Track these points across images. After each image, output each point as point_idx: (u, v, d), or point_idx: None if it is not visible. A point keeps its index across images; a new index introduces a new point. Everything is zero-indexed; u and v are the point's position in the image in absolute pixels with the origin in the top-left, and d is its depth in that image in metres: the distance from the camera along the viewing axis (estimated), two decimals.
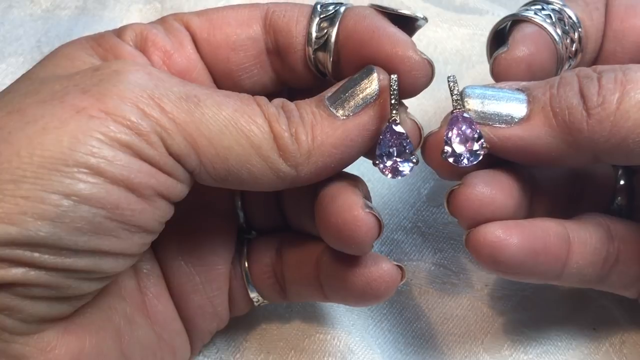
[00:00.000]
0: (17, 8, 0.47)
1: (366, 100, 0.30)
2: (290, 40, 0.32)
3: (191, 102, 0.28)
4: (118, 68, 0.28)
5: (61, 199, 0.25)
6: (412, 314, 0.39)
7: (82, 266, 0.27)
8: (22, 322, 0.27)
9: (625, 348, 0.38)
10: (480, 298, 0.40)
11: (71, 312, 0.28)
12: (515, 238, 0.30)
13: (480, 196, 0.30)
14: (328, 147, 0.29)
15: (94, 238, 0.26)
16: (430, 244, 0.41)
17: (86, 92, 0.27)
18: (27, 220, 0.25)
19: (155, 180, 0.27)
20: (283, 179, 0.29)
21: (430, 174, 0.42)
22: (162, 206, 0.28)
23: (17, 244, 0.25)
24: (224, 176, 0.28)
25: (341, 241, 0.30)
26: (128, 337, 0.31)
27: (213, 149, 0.28)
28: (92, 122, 0.26)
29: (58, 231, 0.25)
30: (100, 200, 0.26)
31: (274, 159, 0.28)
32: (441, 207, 0.41)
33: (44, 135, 0.26)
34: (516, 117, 0.30)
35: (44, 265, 0.26)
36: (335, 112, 0.30)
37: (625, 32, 0.34)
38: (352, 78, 0.30)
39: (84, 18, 0.47)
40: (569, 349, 0.38)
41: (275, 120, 0.29)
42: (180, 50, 0.32)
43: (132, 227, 0.27)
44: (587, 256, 0.32)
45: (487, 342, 0.39)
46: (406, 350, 0.38)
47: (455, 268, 0.40)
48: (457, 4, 0.48)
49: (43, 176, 0.25)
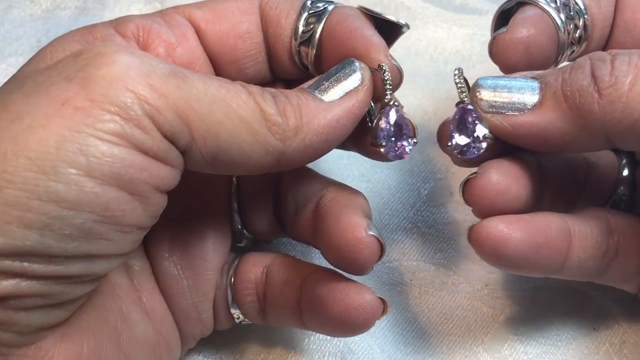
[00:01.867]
0: (17, 8, 0.47)
1: (350, 86, 0.30)
2: (279, 31, 0.33)
3: (179, 77, 0.27)
4: (100, 50, 0.26)
5: (48, 206, 0.24)
6: (412, 313, 0.39)
7: (73, 272, 0.26)
8: (18, 334, 0.26)
9: (625, 348, 0.38)
10: (480, 298, 0.40)
11: (67, 317, 0.28)
12: (518, 232, 0.30)
13: (497, 186, 0.31)
14: (315, 126, 0.29)
15: (84, 243, 0.25)
16: (430, 244, 0.41)
17: (70, 80, 0.25)
18: (13, 230, 0.24)
19: (147, 174, 0.26)
20: (271, 153, 0.28)
21: (431, 174, 0.42)
22: (156, 200, 0.27)
23: (4, 254, 0.24)
24: (215, 154, 0.27)
25: (342, 262, 0.30)
26: (127, 336, 0.31)
27: (204, 123, 0.27)
28: (78, 115, 0.25)
29: (46, 240, 0.24)
30: (90, 204, 0.25)
31: (263, 133, 0.28)
32: (441, 207, 0.41)
33: (30, 135, 0.24)
34: (528, 104, 0.30)
35: (34, 274, 0.25)
36: (321, 96, 0.30)
37: (636, 23, 0.34)
38: (333, 68, 0.31)
39: (84, 18, 0.47)
40: (569, 348, 0.38)
41: (260, 96, 0.28)
42: (183, 43, 0.32)
43: (125, 228, 0.26)
44: (587, 250, 0.32)
45: (487, 341, 0.39)
46: (406, 350, 0.38)
47: (455, 268, 0.40)
48: (457, 4, 0.48)
49: (30, 181, 0.24)
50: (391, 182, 0.42)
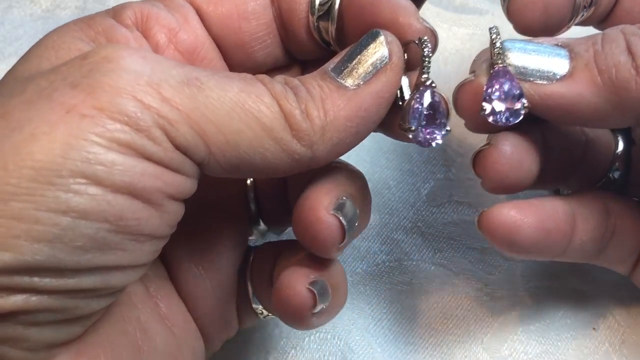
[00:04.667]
0: (17, 8, 0.47)
1: (376, 66, 0.27)
2: (293, 6, 0.31)
3: (193, 85, 0.25)
4: (108, 54, 0.24)
5: (58, 216, 0.22)
6: (412, 313, 0.39)
7: (87, 285, 0.24)
8: (29, 351, 0.24)
9: (625, 348, 0.38)
10: (480, 298, 0.40)
11: (82, 333, 0.26)
12: (530, 218, 0.30)
13: (510, 159, 0.30)
14: (342, 121, 0.27)
15: (98, 255, 0.24)
16: (430, 244, 0.41)
17: (76, 87, 0.24)
18: (21, 244, 0.22)
19: (161, 182, 0.24)
20: (298, 161, 0.26)
21: (431, 174, 0.42)
22: (172, 208, 0.25)
23: (13, 270, 0.22)
24: (235, 164, 0.26)
25: (306, 242, 0.29)
26: (147, 348, 0.29)
27: (222, 135, 0.25)
28: (84, 123, 0.23)
29: (57, 253, 0.23)
30: (102, 213, 0.23)
31: (288, 140, 0.26)
32: (441, 207, 0.41)
33: (32, 143, 0.23)
34: (558, 73, 0.29)
35: (45, 289, 0.23)
36: (344, 82, 0.27)
37: None
38: (355, 45, 0.28)
39: None
40: (569, 348, 0.38)
41: (284, 98, 0.26)
42: (185, 27, 0.30)
43: (140, 237, 0.25)
44: (589, 232, 0.32)
45: (487, 341, 0.39)
46: (406, 350, 0.38)
47: (455, 268, 0.40)
48: (457, 4, 0.48)
49: (35, 192, 0.22)
50: (391, 182, 0.42)
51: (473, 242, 0.40)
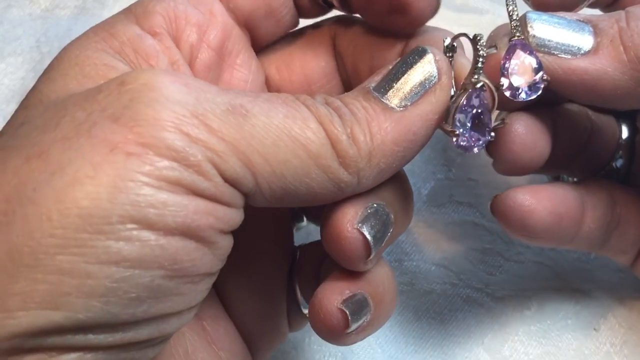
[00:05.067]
0: (16, 7, 0.46)
1: (424, 85, 0.26)
2: None
3: (238, 114, 0.23)
4: (148, 81, 0.23)
5: (110, 268, 0.21)
6: (412, 313, 0.39)
7: (144, 337, 0.23)
8: None
9: (626, 348, 0.38)
10: (480, 298, 0.39)
11: None
12: (543, 203, 0.30)
13: (524, 140, 0.29)
14: (389, 145, 0.25)
15: (154, 304, 0.22)
16: (431, 244, 0.41)
17: (117, 120, 0.22)
18: (72, 301, 0.20)
19: (213, 218, 0.23)
20: (343, 189, 0.25)
21: (431, 174, 0.42)
22: (224, 243, 0.24)
23: (65, 330, 0.21)
24: (280, 196, 0.24)
25: (334, 257, 0.27)
26: None
27: (269, 166, 0.23)
28: (130, 162, 0.21)
29: (111, 307, 0.21)
30: (156, 259, 0.21)
31: (335, 168, 0.24)
32: (442, 207, 0.41)
33: (76, 188, 0.21)
34: (583, 48, 0.28)
35: (100, 346, 0.22)
36: (389, 103, 0.25)
37: None
38: (400, 62, 0.26)
39: (83, 17, 0.47)
40: (570, 349, 0.38)
41: (329, 122, 0.24)
42: (213, 21, 0.29)
43: (196, 278, 0.23)
44: (596, 220, 0.32)
45: (487, 342, 0.38)
46: (407, 350, 0.38)
47: (455, 268, 0.40)
48: (457, 4, 0.47)
49: (84, 242, 0.20)
50: None
51: (474, 243, 0.40)
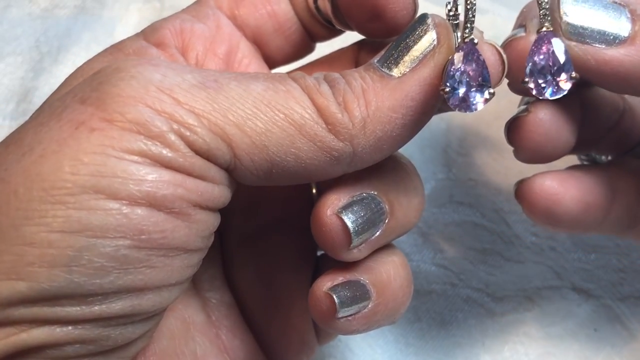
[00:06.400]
0: (15, 7, 0.46)
1: (424, 52, 0.25)
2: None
3: (210, 87, 0.23)
4: (119, 65, 0.23)
5: (71, 236, 0.21)
6: (412, 314, 0.39)
7: (116, 311, 0.22)
8: None
9: (627, 349, 0.38)
10: (480, 299, 0.39)
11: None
12: (572, 190, 0.29)
13: (548, 129, 0.28)
14: (386, 112, 0.24)
15: (122, 275, 0.22)
16: (431, 245, 0.41)
17: (84, 101, 0.22)
18: (35, 271, 0.21)
19: (183, 189, 0.22)
20: (338, 158, 0.24)
21: (431, 174, 0.42)
22: (201, 217, 0.23)
23: (31, 300, 0.21)
24: (267, 169, 0.24)
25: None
26: None
27: (247, 137, 0.23)
28: (94, 136, 0.21)
29: (75, 277, 0.21)
30: (120, 228, 0.21)
31: (322, 135, 0.24)
32: (442, 208, 0.41)
33: (41, 164, 0.21)
34: (619, 36, 0.26)
35: (70, 319, 0.21)
36: (389, 72, 0.25)
37: None
38: (403, 32, 0.26)
39: (83, 17, 0.47)
40: (571, 350, 0.38)
41: (316, 91, 0.24)
42: (219, 34, 0.29)
43: (169, 251, 0.23)
44: (625, 206, 0.31)
45: (487, 343, 0.38)
46: (407, 351, 0.38)
47: (455, 269, 0.40)
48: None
49: (46, 213, 0.21)
50: None
51: (474, 243, 0.40)
